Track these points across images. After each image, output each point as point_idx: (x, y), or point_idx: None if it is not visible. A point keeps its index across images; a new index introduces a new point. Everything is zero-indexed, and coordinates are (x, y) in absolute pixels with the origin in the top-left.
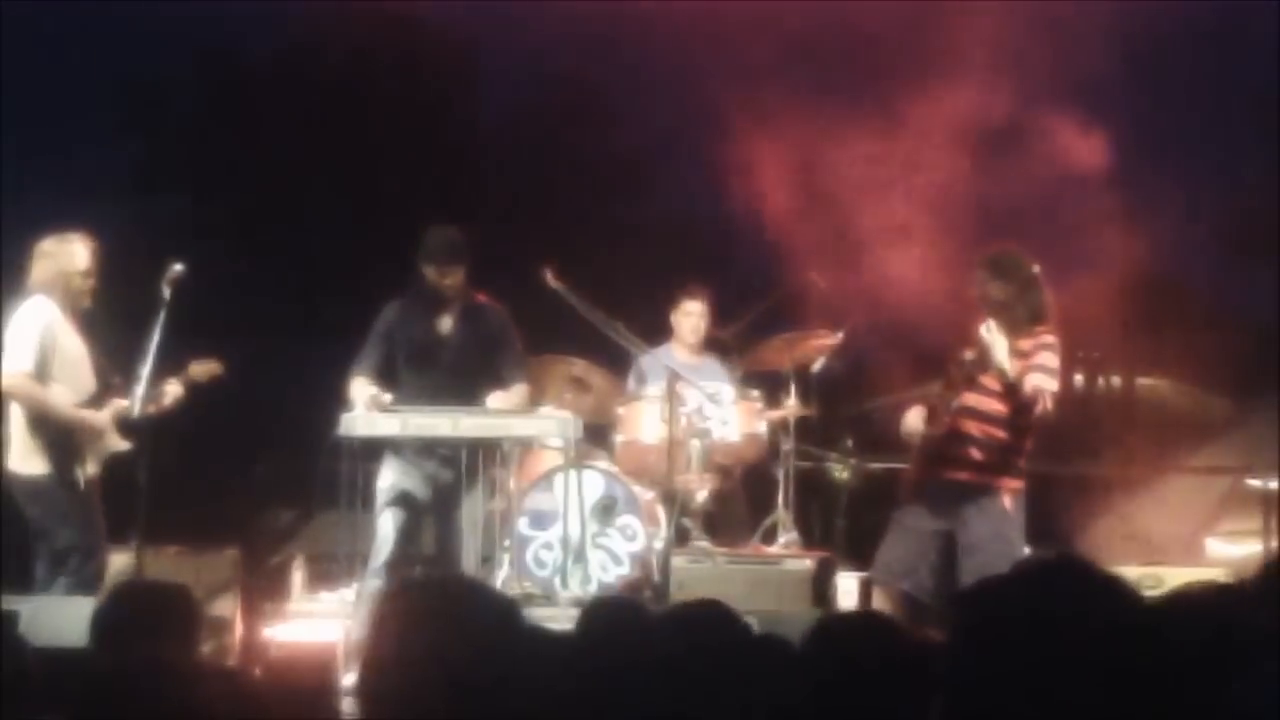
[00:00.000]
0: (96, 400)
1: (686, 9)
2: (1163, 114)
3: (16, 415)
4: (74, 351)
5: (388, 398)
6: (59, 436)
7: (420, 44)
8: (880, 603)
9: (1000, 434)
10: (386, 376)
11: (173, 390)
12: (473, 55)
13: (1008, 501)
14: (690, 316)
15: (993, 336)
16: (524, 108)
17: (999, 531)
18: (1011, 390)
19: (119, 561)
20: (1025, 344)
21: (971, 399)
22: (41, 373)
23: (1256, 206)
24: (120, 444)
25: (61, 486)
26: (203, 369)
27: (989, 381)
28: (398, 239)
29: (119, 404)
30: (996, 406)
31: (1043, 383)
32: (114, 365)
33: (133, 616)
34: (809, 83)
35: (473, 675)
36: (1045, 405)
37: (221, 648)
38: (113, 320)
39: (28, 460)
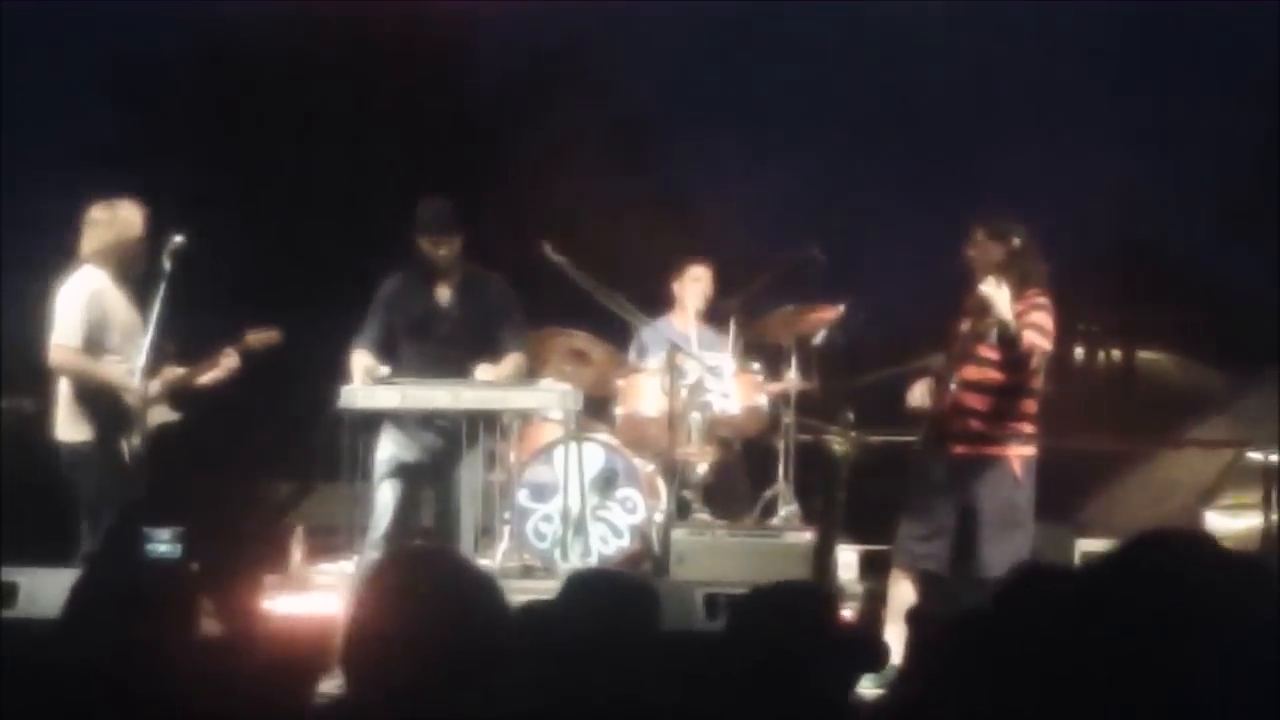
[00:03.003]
0: (150, 370)
1: None
2: (1167, 94)
3: (64, 384)
4: (126, 322)
5: (385, 370)
6: (105, 405)
7: (417, 14)
8: (899, 583)
9: (1000, 403)
10: (387, 349)
11: (228, 362)
12: (471, 25)
13: (1017, 469)
14: (698, 282)
15: (995, 291)
16: (523, 77)
17: (1009, 500)
18: (1010, 344)
19: None
20: (1017, 306)
21: (970, 372)
22: (92, 344)
23: (1257, 184)
24: (170, 415)
25: (104, 455)
26: (259, 338)
27: (985, 352)
28: (398, 210)
29: (173, 372)
30: (994, 375)
31: (1036, 340)
32: (168, 333)
33: (118, 594)
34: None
35: (454, 650)
36: (1039, 362)
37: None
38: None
39: (73, 428)
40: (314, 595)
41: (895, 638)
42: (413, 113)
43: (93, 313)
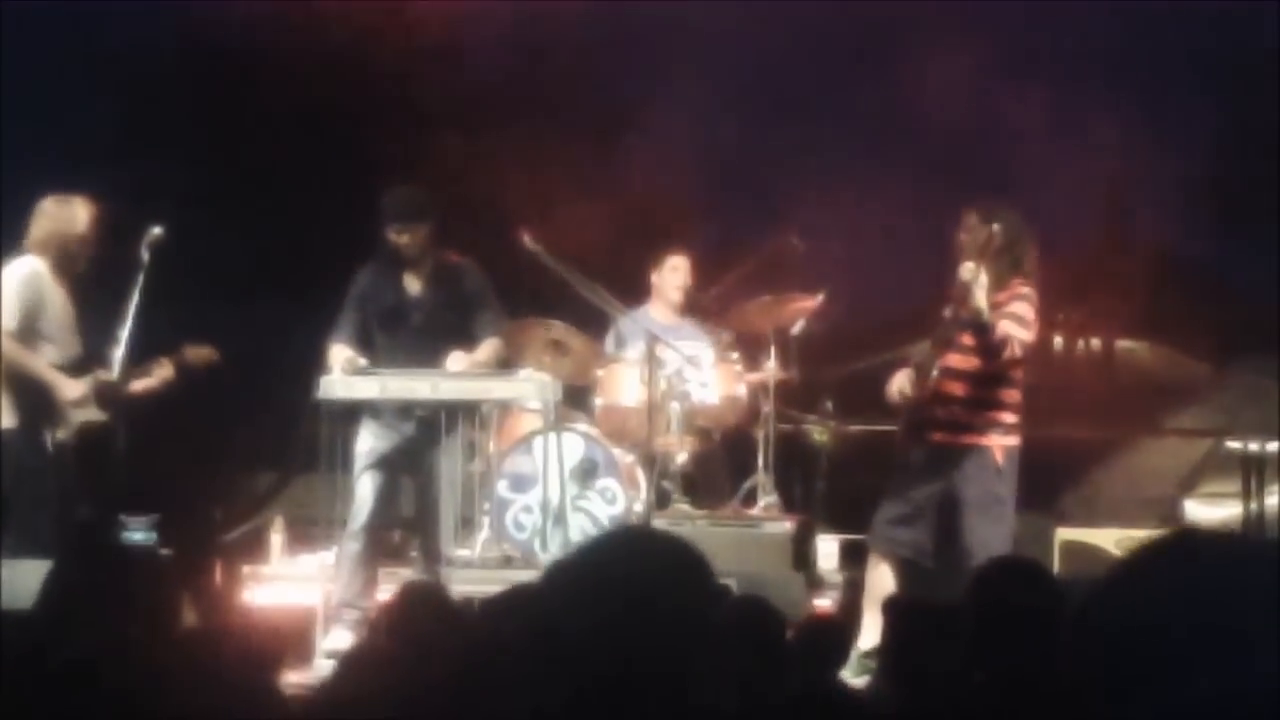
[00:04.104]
0: (80, 366)
1: None
2: (1148, 81)
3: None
4: (61, 314)
5: (363, 362)
6: (33, 394)
7: (406, 11)
8: (877, 569)
9: (981, 391)
10: (364, 342)
11: (162, 372)
12: (449, 19)
13: (999, 458)
14: (676, 272)
15: (973, 275)
16: (501, 69)
17: (991, 490)
18: (983, 331)
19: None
20: (999, 295)
21: (952, 359)
22: (27, 331)
23: (1238, 172)
24: (95, 414)
25: (27, 444)
26: (198, 354)
27: (967, 339)
28: (376, 202)
29: (101, 375)
30: (975, 363)
31: (1013, 330)
32: (100, 333)
33: (98, 585)
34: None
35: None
36: (1014, 351)
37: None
38: (92, 284)
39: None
40: (293, 586)
41: (873, 624)
42: (392, 103)
43: (29, 299)
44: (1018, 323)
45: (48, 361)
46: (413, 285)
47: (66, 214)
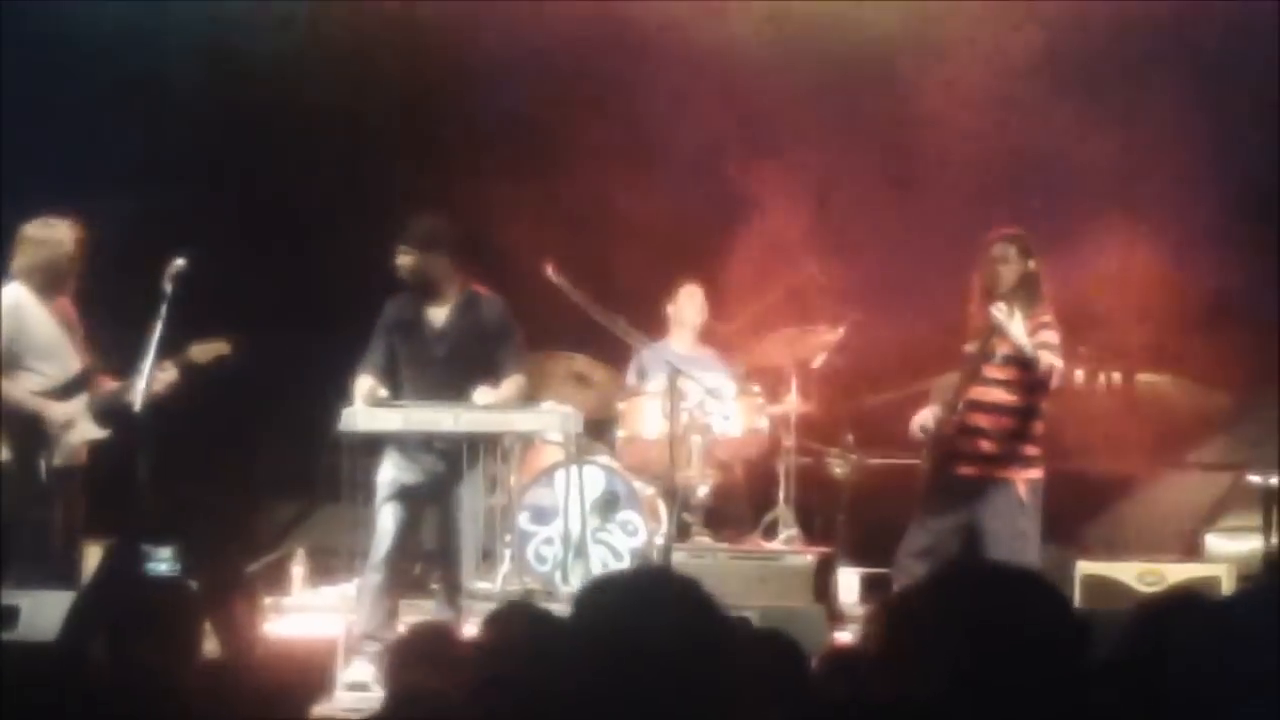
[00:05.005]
0: (76, 385)
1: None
2: (1160, 105)
3: None
4: (48, 337)
5: (384, 394)
6: (19, 425)
7: (419, 38)
8: None
9: (1009, 424)
10: (391, 373)
11: (164, 376)
12: (471, 50)
13: (1023, 492)
14: (693, 299)
15: (1007, 317)
16: (523, 102)
17: (1014, 525)
18: (1027, 365)
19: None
20: (1025, 325)
21: (977, 392)
22: (5, 362)
23: (1257, 199)
24: (95, 432)
25: (20, 474)
26: (205, 350)
27: (993, 372)
28: (398, 233)
29: (102, 390)
30: (1003, 396)
31: (1054, 360)
32: (102, 352)
33: (123, 614)
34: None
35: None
36: (1057, 381)
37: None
38: (114, 313)
39: None
40: (314, 618)
41: None
42: (415, 134)
43: (6, 330)
44: (1054, 352)
45: (33, 388)
46: (437, 316)
47: (51, 237)
